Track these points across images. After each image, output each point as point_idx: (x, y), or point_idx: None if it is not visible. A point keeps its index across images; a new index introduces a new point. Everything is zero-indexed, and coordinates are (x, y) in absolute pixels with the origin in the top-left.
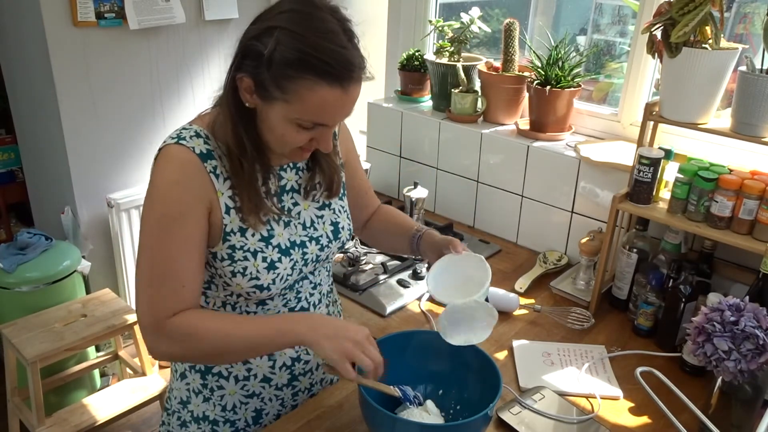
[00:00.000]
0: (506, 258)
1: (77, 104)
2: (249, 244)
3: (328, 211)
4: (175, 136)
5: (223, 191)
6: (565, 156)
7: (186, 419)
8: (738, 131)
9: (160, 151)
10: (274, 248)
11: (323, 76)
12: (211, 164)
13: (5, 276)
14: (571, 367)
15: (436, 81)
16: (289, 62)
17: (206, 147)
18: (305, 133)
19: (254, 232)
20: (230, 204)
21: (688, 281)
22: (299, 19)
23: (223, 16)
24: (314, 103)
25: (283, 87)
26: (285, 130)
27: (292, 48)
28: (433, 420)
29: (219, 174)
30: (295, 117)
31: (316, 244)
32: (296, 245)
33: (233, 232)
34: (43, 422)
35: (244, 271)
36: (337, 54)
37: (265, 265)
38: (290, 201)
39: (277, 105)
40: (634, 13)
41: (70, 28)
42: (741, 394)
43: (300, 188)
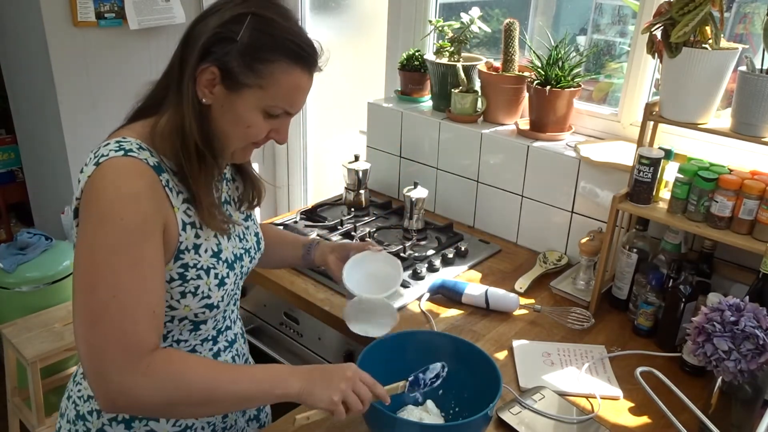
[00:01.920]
0: (506, 258)
1: (77, 104)
2: (202, 261)
3: (251, 222)
4: (116, 149)
5: (179, 206)
6: (565, 156)
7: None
8: (738, 131)
9: (101, 165)
10: (224, 263)
11: (298, 59)
12: (164, 177)
13: (5, 276)
14: (571, 367)
15: (436, 81)
16: (265, 46)
17: (154, 160)
18: (269, 123)
19: (207, 248)
20: (186, 219)
21: (688, 281)
22: (264, 6)
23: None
24: (288, 87)
25: (258, 71)
26: (253, 120)
27: (266, 32)
28: (433, 420)
29: (172, 188)
30: (268, 103)
31: (248, 256)
32: (237, 258)
33: (188, 249)
34: (43, 422)
35: (196, 291)
36: (306, 39)
37: (216, 282)
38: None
39: (248, 92)
40: (634, 13)
41: (70, 28)
42: (741, 394)
43: (231, 200)
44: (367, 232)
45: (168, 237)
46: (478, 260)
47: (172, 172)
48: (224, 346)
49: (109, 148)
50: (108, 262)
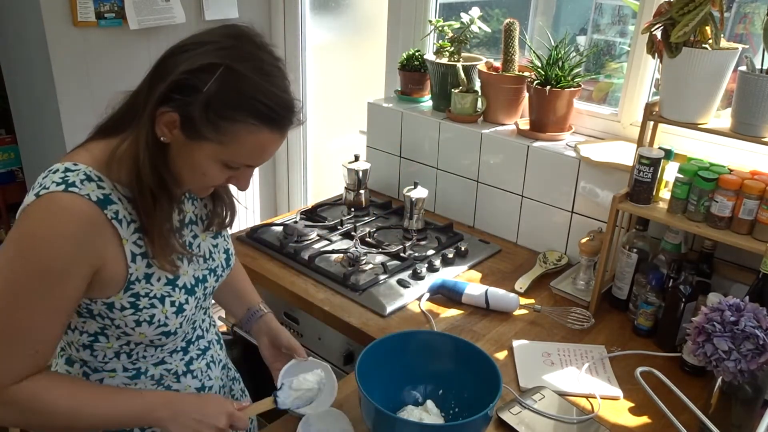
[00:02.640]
0: (506, 258)
1: (77, 104)
2: (155, 290)
3: (221, 239)
4: (59, 181)
5: (128, 238)
6: (565, 156)
7: None
8: (738, 131)
9: (40, 198)
10: (181, 290)
11: (266, 121)
12: (111, 210)
13: None
14: (571, 367)
15: (436, 81)
16: (232, 105)
17: (101, 192)
18: (227, 173)
19: (160, 276)
20: (136, 251)
21: (688, 281)
22: (241, 59)
23: (223, 16)
24: (251, 147)
25: (220, 128)
26: (208, 169)
27: (235, 89)
28: (433, 420)
29: (122, 219)
30: (226, 158)
31: (213, 275)
32: (199, 281)
33: (138, 279)
34: None
35: (151, 319)
36: (281, 99)
37: (173, 309)
38: (190, 234)
39: (206, 145)
40: (634, 13)
41: (70, 28)
42: (741, 394)
43: (197, 219)
44: (367, 231)
45: (109, 272)
46: (478, 260)
47: (127, 200)
48: (197, 355)
49: (52, 180)
50: (7, 295)
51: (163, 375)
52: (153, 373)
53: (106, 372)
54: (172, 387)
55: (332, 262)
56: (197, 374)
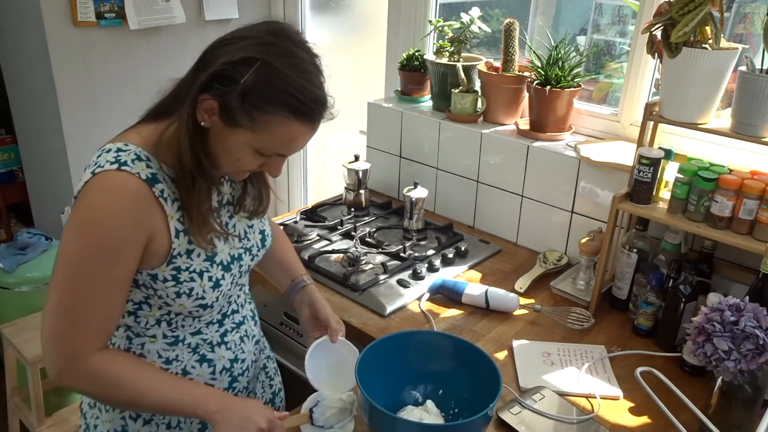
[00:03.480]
0: (506, 258)
1: (77, 104)
2: (195, 265)
3: (256, 220)
4: (113, 160)
5: (173, 215)
6: (565, 156)
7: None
8: (738, 131)
9: (95, 176)
10: (218, 266)
11: (298, 114)
12: (158, 188)
13: (5, 276)
14: (571, 367)
15: (436, 81)
16: (267, 97)
17: (150, 171)
18: (260, 159)
19: (200, 252)
20: (179, 227)
21: (688, 281)
22: (278, 54)
23: (223, 16)
24: (282, 137)
25: (254, 118)
26: (242, 155)
27: (272, 84)
28: (433, 420)
29: (167, 197)
30: (259, 146)
31: (249, 254)
32: (235, 259)
33: (180, 254)
34: (43, 422)
35: (191, 292)
36: (313, 95)
37: (210, 284)
38: (226, 214)
39: (241, 132)
40: (634, 13)
41: (70, 28)
42: (741, 394)
43: (234, 201)
44: (367, 231)
45: (157, 245)
46: (478, 260)
47: (171, 180)
48: (231, 328)
49: (106, 159)
50: (76, 272)
51: (199, 344)
52: (190, 342)
53: (147, 337)
54: (207, 356)
55: (332, 262)
56: (231, 346)
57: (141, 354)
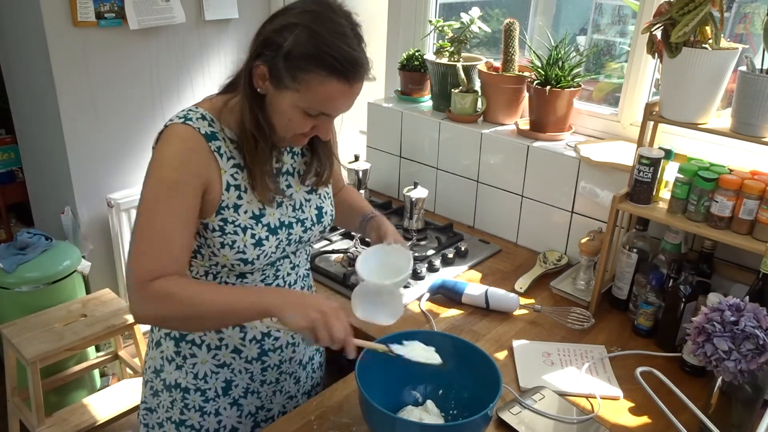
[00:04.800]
0: (506, 258)
1: (77, 104)
2: (240, 220)
3: (314, 196)
4: (182, 116)
5: (227, 170)
6: (565, 156)
7: (158, 388)
8: (738, 131)
9: (166, 128)
10: (264, 227)
11: (334, 72)
12: (215, 144)
13: (5, 276)
14: (571, 367)
15: (436, 81)
16: (306, 56)
17: (210, 129)
18: (309, 121)
19: (247, 209)
20: (231, 182)
21: (688, 281)
22: (318, 20)
23: (223, 16)
24: (323, 95)
25: (296, 78)
26: (292, 116)
27: (310, 45)
28: (433, 420)
29: (223, 153)
30: (304, 105)
31: (301, 226)
32: (284, 225)
33: (227, 207)
34: (43, 422)
35: (233, 244)
36: (348, 54)
37: (252, 241)
38: (284, 183)
39: (288, 93)
40: (634, 13)
41: (70, 28)
42: (741, 394)
43: (294, 172)
44: None
45: (211, 194)
46: (478, 260)
47: (230, 141)
48: None
49: (177, 115)
50: (147, 207)
51: None
52: None
53: None
54: None
55: (332, 262)
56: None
57: None
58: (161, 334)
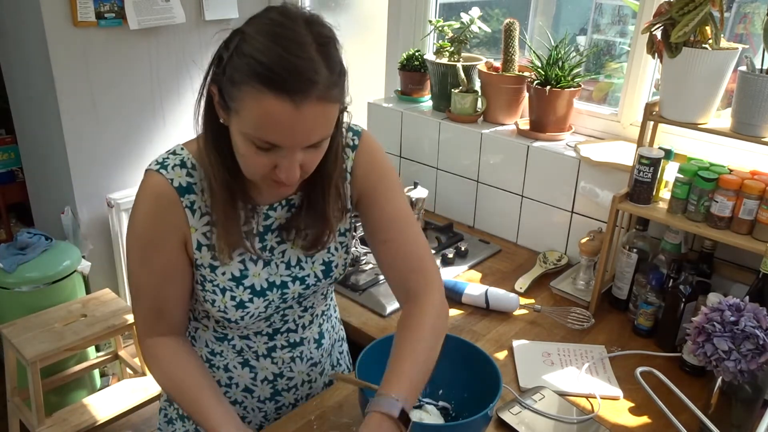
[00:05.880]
0: (506, 258)
1: (77, 104)
2: (218, 281)
3: (322, 252)
4: (160, 161)
5: (197, 227)
6: (565, 156)
7: (172, 416)
8: (738, 131)
9: (145, 174)
10: (246, 289)
11: (268, 84)
12: (188, 199)
13: (5, 276)
14: (571, 367)
15: (436, 81)
16: (238, 67)
17: (187, 180)
18: (264, 157)
19: (225, 271)
20: (203, 241)
21: (688, 281)
22: (265, 26)
23: (223, 16)
24: (259, 116)
25: (233, 96)
26: (244, 150)
27: (244, 53)
28: (433, 420)
29: (196, 209)
30: (246, 132)
31: (300, 284)
32: (275, 286)
33: (203, 266)
34: (43, 422)
35: (213, 303)
36: (289, 64)
37: (233, 303)
38: (275, 239)
39: (233, 118)
40: (634, 13)
41: (70, 28)
42: (741, 394)
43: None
44: None
45: (188, 249)
46: (478, 260)
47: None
48: (282, 346)
49: (157, 159)
50: (131, 265)
51: (243, 349)
52: (236, 344)
53: (201, 324)
54: (250, 362)
55: None
56: (278, 362)
57: (193, 337)
58: None
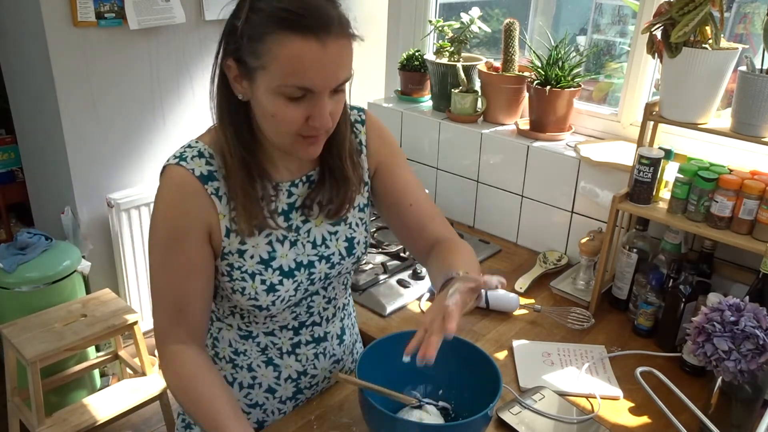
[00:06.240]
0: (506, 258)
1: (77, 104)
2: (247, 266)
3: (343, 226)
4: (178, 155)
5: (225, 213)
6: (565, 156)
7: (190, 421)
8: (738, 131)
9: (163, 170)
10: (275, 271)
11: (292, 27)
12: (212, 186)
13: (5, 276)
14: (571, 367)
15: (436, 81)
16: (258, 23)
17: (208, 168)
18: (296, 109)
19: (254, 254)
20: (231, 227)
21: (688, 281)
22: None
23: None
24: (289, 60)
25: (258, 53)
26: (275, 108)
27: (261, 8)
28: (432, 420)
29: (222, 195)
30: (277, 84)
31: (326, 262)
32: (302, 266)
33: (231, 253)
34: (43, 422)
35: (243, 291)
36: (305, 3)
37: (264, 287)
38: (299, 218)
39: (259, 78)
40: (634, 13)
41: (70, 28)
42: (741, 394)
43: (312, 204)
44: None
45: (214, 240)
46: (478, 260)
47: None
48: (307, 341)
49: (174, 154)
50: (153, 264)
51: (268, 346)
52: (260, 341)
53: (225, 323)
54: (274, 360)
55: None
56: (301, 359)
57: (216, 338)
58: None
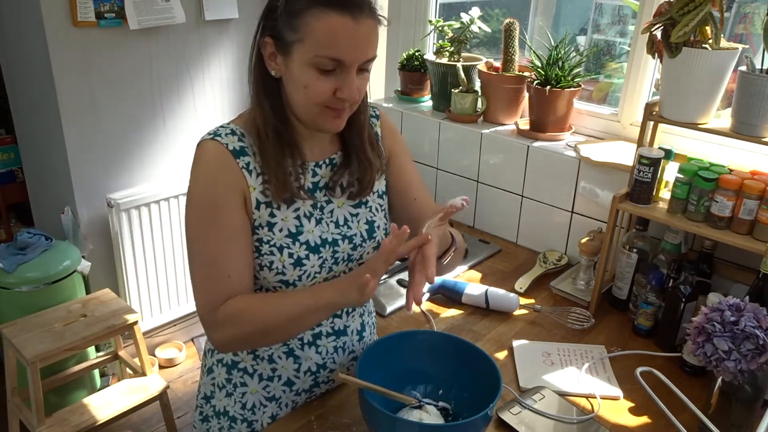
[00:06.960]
0: (506, 258)
1: (77, 104)
2: (276, 239)
3: (364, 209)
4: (212, 132)
5: (255, 186)
6: (565, 156)
7: (208, 414)
8: (738, 131)
9: (199, 145)
10: (302, 245)
11: (330, 4)
12: (243, 160)
13: (5, 276)
14: (571, 367)
15: (436, 81)
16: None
17: (240, 144)
18: (326, 81)
19: (282, 227)
20: (261, 199)
21: (688, 281)
22: None
23: (223, 16)
24: (325, 33)
25: (296, 26)
26: (307, 79)
27: None
28: (432, 420)
29: (252, 170)
30: (312, 55)
31: (348, 242)
32: (327, 243)
33: (261, 226)
34: (43, 422)
35: (271, 266)
36: None
37: (291, 261)
38: (323, 198)
39: (295, 51)
40: (634, 13)
41: (70, 28)
42: (741, 394)
43: (335, 186)
44: None
45: (247, 210)
46: (478, 260)
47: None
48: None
49: (209, 131)
50: (193, 236)
51: None
52: None
53: None
54: (295, 351)
55: None
56: (321, 351)
57: None
58: (213, 361)
